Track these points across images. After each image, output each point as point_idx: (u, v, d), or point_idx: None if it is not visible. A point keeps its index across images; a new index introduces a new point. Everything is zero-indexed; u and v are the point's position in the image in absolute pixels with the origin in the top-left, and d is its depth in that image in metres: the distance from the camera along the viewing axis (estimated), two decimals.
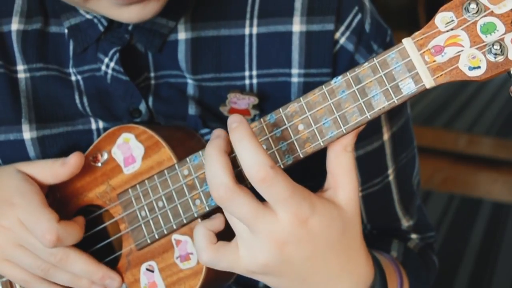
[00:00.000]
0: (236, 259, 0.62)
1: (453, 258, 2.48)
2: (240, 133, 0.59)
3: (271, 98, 0.78)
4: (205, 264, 0.64)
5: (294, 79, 0.77)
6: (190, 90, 0.79)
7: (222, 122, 0.78)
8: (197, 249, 0.64)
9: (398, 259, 0.84)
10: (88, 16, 0.77)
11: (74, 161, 0.74)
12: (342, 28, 0.77)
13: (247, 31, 0.77)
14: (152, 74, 0.79)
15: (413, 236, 0.90)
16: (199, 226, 0.64)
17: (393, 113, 0.82)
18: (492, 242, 2.58)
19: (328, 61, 0.77)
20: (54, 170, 0.75)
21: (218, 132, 0.63)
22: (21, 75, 0.80)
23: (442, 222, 2.66)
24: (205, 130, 0.78)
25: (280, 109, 0.63)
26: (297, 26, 0.76)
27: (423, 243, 0.90)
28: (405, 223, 0.88)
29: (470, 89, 4.00)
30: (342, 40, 0.77)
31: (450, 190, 2.94)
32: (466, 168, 3.13)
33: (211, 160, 0.60)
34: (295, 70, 0.77)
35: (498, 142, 3.35)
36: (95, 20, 0.77)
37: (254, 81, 0.78)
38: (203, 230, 0.64)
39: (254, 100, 0.77)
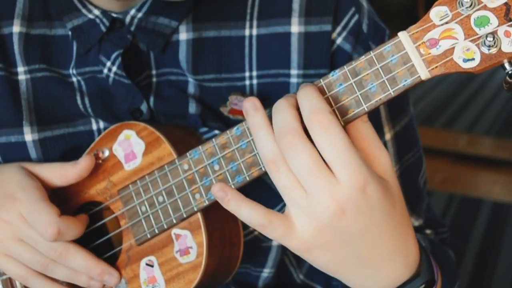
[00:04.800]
0: (291, 228, 0.59)
1: None
2: (305, 90, 0.59)
3: (271, 98, 0.77)
4: (259, 230, 0.60)
5: (293, 80, 0.78)
6: (191, 88, 0.79)
7: (222, 121, 0.79)
8: (251, 218, 0.60)
9: (427, 249, 0.83)
10: (90, 16, 0.78)
11: (85, 162, 0.75)
12: (339, 29, 0.77)
13: (247, 32, 0.78)
14: (153, 72, 0.80)
15: (428, 231, 0.89)
16: (245, 202, 0.61)
17: (395, 113, 0.82)
18: (492, 242, 2.58)
19: (326, 62, 0.77)
20: (65, 171, 0.75)
21: (291, 94, 0.63)
22: (22, 77, 0.80)
23: None
24: (205, 129, 0.78)
25: None
26: (295, 27, 0.77)
27: (438, 238, 0.90)
28: (415, 222, 0.87)
29: (470, 89, 4.00)
30: (338, 41, 0.78)
31: (450, 190, 2.93)
32: (466, 168, 3.13)
33: (282, 108, 0.59)
34: (293, 71, 0.78)
35: (498, 142, 3.35)
36: (97, 20, 0.78)
37: (254, 81, 0.79)
38: (253, 205, 0.61)
39: None
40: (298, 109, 0.60)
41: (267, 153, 0.60)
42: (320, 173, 0.56)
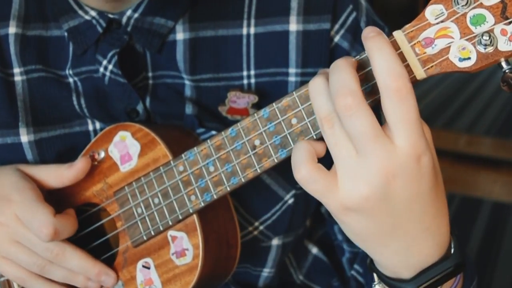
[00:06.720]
0: (332, 186, 0.56)
1: None
2: (380, 42, 0.55)
3: (269, 97, 0.78)
4: (299, 180, 0.57)
5: (292, 78, 0.78)
6: (188, 91, 0.79)
7: (219, 122, 0.78)
8: (295, 162, 0.57)
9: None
10: (87, 17, 0.78)
11: (81, 164, 0.75)
12: (337, 26, 0.77)
13: (244, 31, 0.78)
14: (150, 74, 0.79)
15: None
16: (302, 141, 0.59)
17: None
18: (492, 242, 2.58)
19: (325, 60, 0.77)
20: (60, 173, 0.75)
21: (349, 56, 0.59)
22: (18, 78, 0.80)
23: None
24: (202, 130, 0.78)
25: (273, 104, 0.63)
26: (293, 26, 0.77)
27: None
28: None
29: (470, 89, 4.01)
30: (336, 38, 0.78)
31: (450, 190, 2.93)
32: (466, 168, 3.13)
33: (342, 69, 0.55)
34: (292, 70, 0.77)
35: (498, 142, 3.35)
36: (94, 22, 0.77)
37: (252, 80, 0.78)
38: (306, 145, 0.58)
39: (254, 98, 0.77)
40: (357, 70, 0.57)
41: (322, 110, 0.56)
42: (378, 139, 0.54)
